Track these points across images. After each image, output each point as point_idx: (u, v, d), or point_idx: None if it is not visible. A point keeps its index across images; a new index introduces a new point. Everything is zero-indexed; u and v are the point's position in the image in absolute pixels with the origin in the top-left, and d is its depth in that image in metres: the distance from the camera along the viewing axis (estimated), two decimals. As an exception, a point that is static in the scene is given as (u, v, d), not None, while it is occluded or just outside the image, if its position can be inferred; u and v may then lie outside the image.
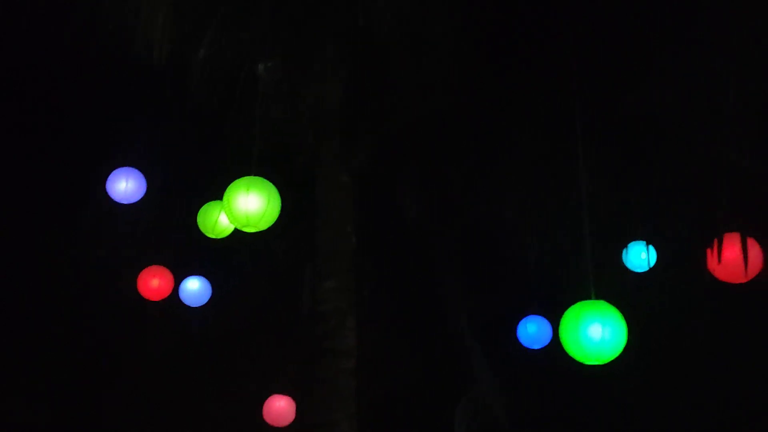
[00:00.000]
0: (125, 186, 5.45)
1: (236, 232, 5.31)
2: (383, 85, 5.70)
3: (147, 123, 5.74)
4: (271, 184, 4.23)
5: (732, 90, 4.98)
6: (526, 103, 5.67)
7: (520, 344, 6.60)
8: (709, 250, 4.71)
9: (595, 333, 3.74)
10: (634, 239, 5.76)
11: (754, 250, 4.60)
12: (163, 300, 6.09)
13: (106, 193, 5.52)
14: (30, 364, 7.43)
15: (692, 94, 5.22)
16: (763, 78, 4.86)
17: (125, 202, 5.52)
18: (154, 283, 5.84)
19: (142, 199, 5.53)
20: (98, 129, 6.24)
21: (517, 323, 6.56)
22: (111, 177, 5.52)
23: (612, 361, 3.99)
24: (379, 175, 6.21)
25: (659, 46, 5.14)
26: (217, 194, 5.10)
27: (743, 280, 4.63)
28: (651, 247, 5.65)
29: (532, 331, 6.51)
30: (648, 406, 7.09)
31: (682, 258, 5.46)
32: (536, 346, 6.53)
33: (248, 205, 4.15)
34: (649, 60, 5.21)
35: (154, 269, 5.90)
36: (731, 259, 4.62)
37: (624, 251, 5.84)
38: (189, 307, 6.43)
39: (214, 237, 5.34)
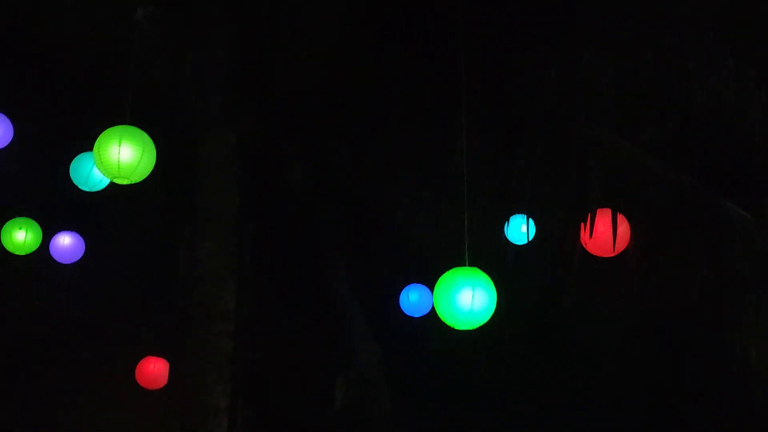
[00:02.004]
0: (-11, 131, 5.09)
1: (111, 186, 5.09)
2: (273, 47, 5.59)
3: (16, 65, 5.38)
4: (145, 134, 4.06)
5: (608, 74, 5.19)
6: (412, 77, 5.71)
7: (402, 313, 6.69)
8: (582, 225, 4.91)
9: (465, 299, 3.81)
10: (516, 213, 5.92)
11: (623, 226, 4.82)
12: (30, 255, 5.78)
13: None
14: None
15: (573, 77, 5.40)
16: (636, 63, 5.08)
17: (-11, 148, 5.16)
18: (19, 235, 5.52)
19: (7, 145, 5.18)
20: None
21: (400, 291, 6.63)
22: (-27, 121, 5.14)
23: (490, 329, 4.09)
24: (266, 138, 6.10)
25: (543, 29, 5.28)
26: (92, 145, 4.88)
27: (611, 254, 4.85)
28: (531, 221, 5.82)
29: (414, 299, 6.60)
30: (523, 372, 7.37)
31: (558, 232, 5.65)
32: (417, 315, 6.63)
33: (121, 156, 3.97)
34: (533, 41, 5.34)
35: (20, 221, 5.58)
36: (601, 234, 4.82)
37: (505, 224, 5.99)
38: (60, 263, 6.14)
39: (87, 190, 5.10)
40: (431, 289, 6.57)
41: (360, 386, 7.42)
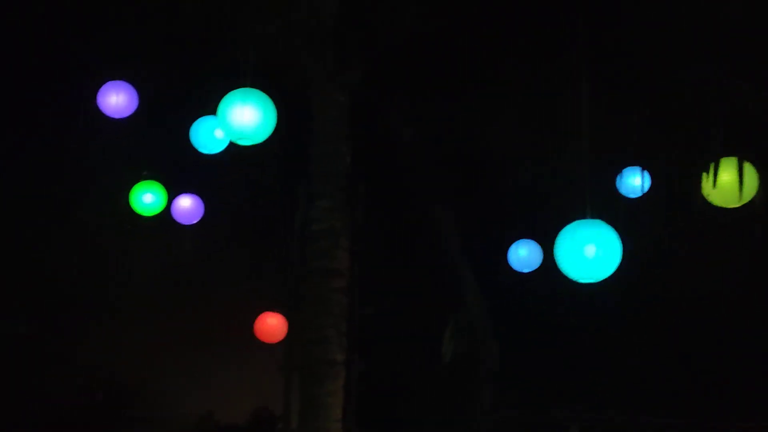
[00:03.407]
0: (116, 100, 5.35)
1: (230, 148, 5.28)
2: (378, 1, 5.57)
3: (139, 36, 5.59)
4: (266, 96, 4.17)
5: (732, 15, 4.93)
6: (523, 25, 5.58)
7: (510, 268, 6.66)
8: (704, 174, 4.73)
9: (590, 251, 3.77)
10: (629, 164, 5.76)
11: (750, 175, 4.62)
12: (156, 216, 6.07)
13: (97, 107, 5.42)
14: (16, 279, 7.41)
15: (694, 19, 5.15)
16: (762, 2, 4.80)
17: (116, 116, 5.43)
18: (146, 198, 5.80)
19: (133, 113, 5.43)
20: (88, 42, 6.08)
21: (509, 246, 6.60)
22: (102, 91, 5.41)
23: (600, 284, 4.04)
24: (374, 95, 6.14)
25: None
26: (210, 108, 5.05)
27: (737, 205, 4.67)
28: (645, 173, 5.65)
29: (523, 254, 6.56)
30: (634, 326, 7.25)
31: (676, 183, 5.47)
32: (526, 270, 6.59)
33: (243, 117, 4.09)
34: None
35: (147, 184, 5.86)
36: (726, 184, 4.64)
37: (618, 177, 5.84)
38: (181, 224, 6.42)
39: (207, 153, 5.29)
40: (540, 243, 6.57)
41: (468, 340, 7.49)
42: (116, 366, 7.84)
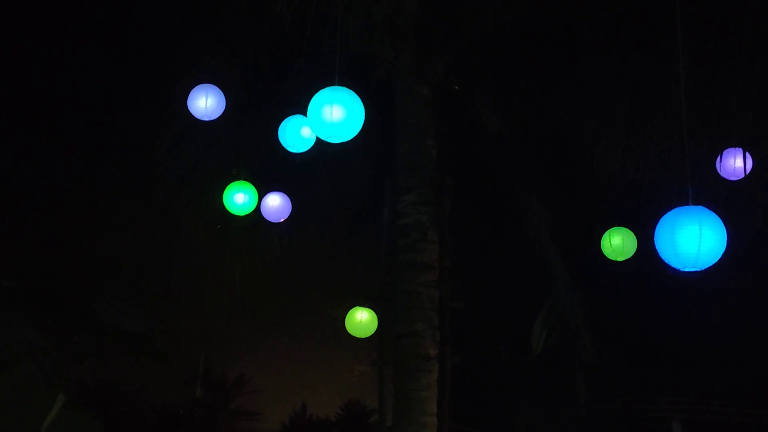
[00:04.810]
0: (205, 103, 5.47)
1: (317, 146, 5.32)
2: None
3: (226, 39, 5.71)
4: (354, 94, 4.17)
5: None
6: (615, 8, 5.40)
7: (603, 257, 6.48)
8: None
9: (692, 239, 3.62)
10: (729, 146, 5.50)
11: None
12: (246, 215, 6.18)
13: (187, 110, 5.56)
14: (123, 277, 7.72)
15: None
16: None
17: (206, 118, 5.55)
18: (238, 198, 5.91)
19: (222, 115, 5.55)
20: (178, 46, 6.24)
21: (600, 235, 6.42)
22: (191, 94, 5.54)
23: (702, 273, 3.87)
24: (459, 86, 6.07)
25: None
26: (296, 108, 5.11)
27: None
28: (747, 154, 5.39)
29: (616, 243, 6.36)
30: (739, 319, 6.93)
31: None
32: (620, 258, 6.39)
33: (333, 115, 4.10)
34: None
35: (239, 184, 5.97)
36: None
37: (717, 158, 5.59)
38: (270, 222, 6.53)
39: (295, 151, 5.35)
40: (635, 231, 6.35)
41: (559, 332, 7.33)
42: (213, 362, 8.08)
